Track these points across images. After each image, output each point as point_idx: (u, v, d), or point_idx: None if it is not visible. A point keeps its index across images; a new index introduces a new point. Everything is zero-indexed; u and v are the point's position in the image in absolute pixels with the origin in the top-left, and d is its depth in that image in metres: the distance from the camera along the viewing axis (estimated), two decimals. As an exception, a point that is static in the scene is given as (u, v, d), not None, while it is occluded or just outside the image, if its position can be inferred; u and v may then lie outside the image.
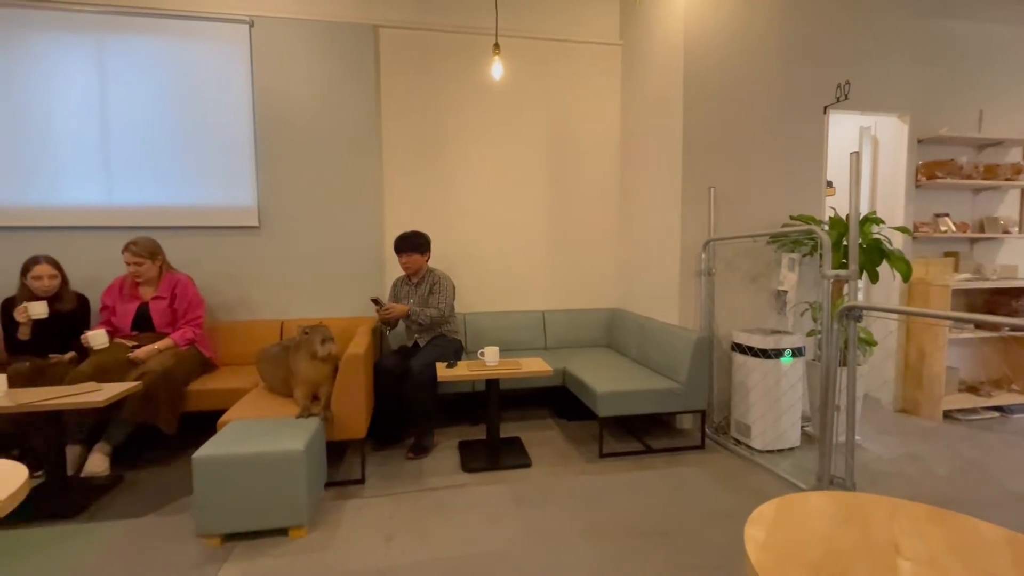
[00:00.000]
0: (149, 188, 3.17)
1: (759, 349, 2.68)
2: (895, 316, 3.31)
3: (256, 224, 3.30)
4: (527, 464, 2.59)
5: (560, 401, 3.56)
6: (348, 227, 3.42)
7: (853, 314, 2.15)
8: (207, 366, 2.98)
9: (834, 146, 3.61)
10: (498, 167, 3.63)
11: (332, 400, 2.37)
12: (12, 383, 2.39)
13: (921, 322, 3.24)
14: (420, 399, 2.71)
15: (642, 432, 3.04)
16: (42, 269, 2.68)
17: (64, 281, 2.78)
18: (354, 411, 2.39)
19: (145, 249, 2.81)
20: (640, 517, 2.09)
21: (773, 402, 2.67)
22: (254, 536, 1.98)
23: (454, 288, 3.08)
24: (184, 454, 2.78)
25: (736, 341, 2.82)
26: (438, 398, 2.86)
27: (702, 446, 2.81)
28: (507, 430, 3.09)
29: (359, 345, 2.52)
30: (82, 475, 2.42)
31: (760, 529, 1.01)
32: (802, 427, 2.92)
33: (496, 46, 2.80)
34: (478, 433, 3.05)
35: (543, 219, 3.71)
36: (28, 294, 2.68)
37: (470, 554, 1.85)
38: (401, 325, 3.13)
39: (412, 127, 3.50)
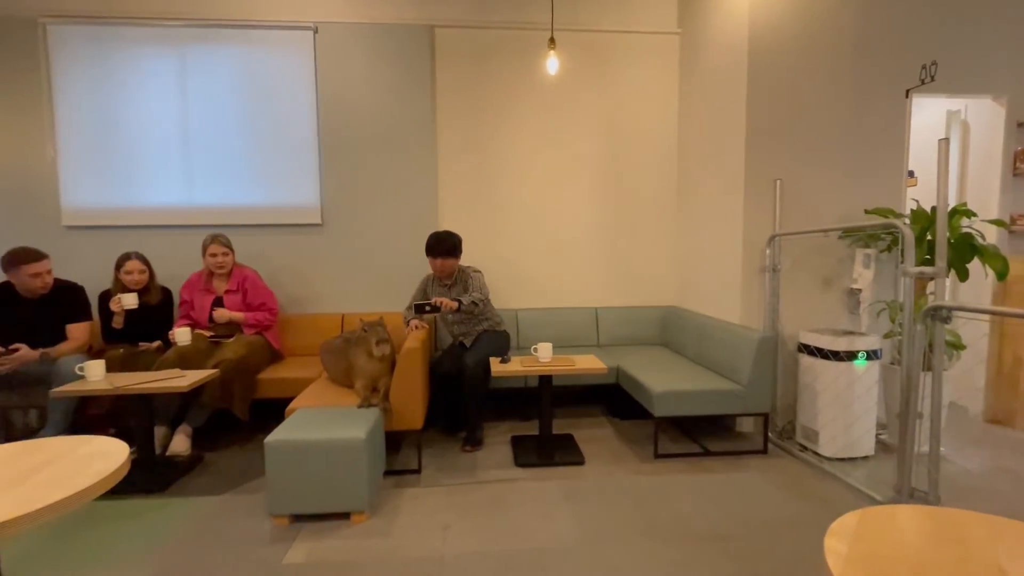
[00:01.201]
0: (224, 189, 3.39)
1: (829, 351, 2.52)
2: (987, 318, 3.03)
3: (319, 222, 3.46)
4: (580, 461, 2.57)
5: (613, 399, 3.51)
6: (404, 224, 3.51)
7: (940, 315, 1.98)
8: (275, 356, 3.16)
9: (916, 133, 3.33)
10: (551, 162, 3.61)
11: (390, 392, 2.44)
12: (108, 368, 2.62)
13: (1018, 324, 2.94)
14: (474, 393, 2.75)
15: (699, 434, 2.94)
16: (133, 264, 2.92)
17: (151, 275, 3.02)
18: (411, 403, 2.45)
19: (228, 243, 3.02)
20: (701, 521, 2.02)
21: (844, 407, 2.51)
22: (319, 519, 2.07)
23: (482, 275, 3.05)
24: (255, 438, 2.95)
25: (803, 342, 2.67)
26: (489, 392, 2.89)
27: (764, 451, 2.69)
28: (559, 427, 3.08)
29: (416, 339, 2.58)
30: (167, 454, 2.63)
31: (842, 542, 0.95)
32: (877, 435, 2.74)
33: (551, 40, 2.78)
34: (529, 428, 3.05)
35: (597, 214, 3.66)
36: (121, 287, 2.93)
37: (525, 548, 1.86)
38: (442, 328, 3.17)
39: (466, 124, 3.54)
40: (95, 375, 2.34)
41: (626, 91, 3.60)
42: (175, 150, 3.35)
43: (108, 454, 1.13)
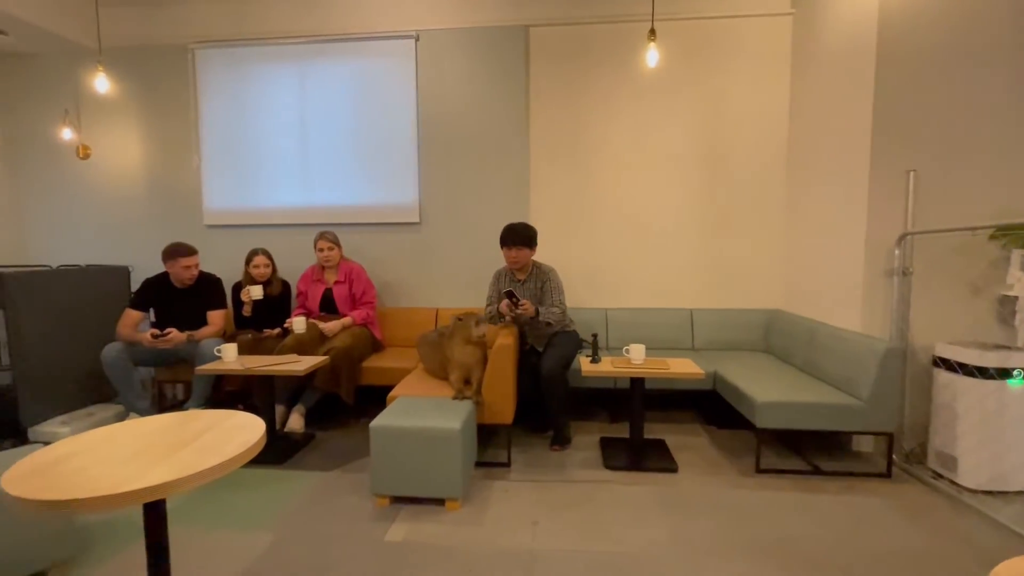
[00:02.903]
0: (335, 190, 3.68)
1: (975, 367, 2.19)
2: None
3: (417, 220, 3.64)
4: (673, 469, 2.47)
5: (708, 406, 3.33)
6: (496, 221, 3.58)
7: None
8: (377, 346, 3.38)
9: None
10: (646, 157, 3.49)
11: (483, 386, 2.52)
12: (238, 351, 2.97)
13: None
14: (555, 397, 2.72)
15: (807, 450, 2.70)
16: (259, 259, 3.28)
17: (274, 269, 3.37)
18: (502, 397, 2.51)
19: (334, 239, 3.28)
20: (813, 545, 1.86)
21: (993, 433, 2.18)
22: (416, 502, 2.19)
23: (558, 275, 2.96)
24: (359, 422, 3.18)
25: (941, 355, 2.35)
26: (572, 392, 2.86)
27: (888, 475, 2.40)
28: (650, 431, 2.98)
29: (508, 335, 2.63)
30: (285, 430, 2.92)
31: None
32: (1035, 468, 2.34)
33: (652, 32, 2.69)
34: (617, 431, 2.99)
35: (694, 211, 3.49)
36: (249, 280, 3.29)
37: (615, 552, 1.83)
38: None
39: (558, 122, 3.53)
40: (230, 357, 2.65)
41: (731, 80, 3.39)
42: (294, 156, 3.70)
43: (249, 427, 1.29)
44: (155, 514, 1.17)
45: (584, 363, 2.57)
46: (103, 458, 1.13)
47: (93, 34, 3.72)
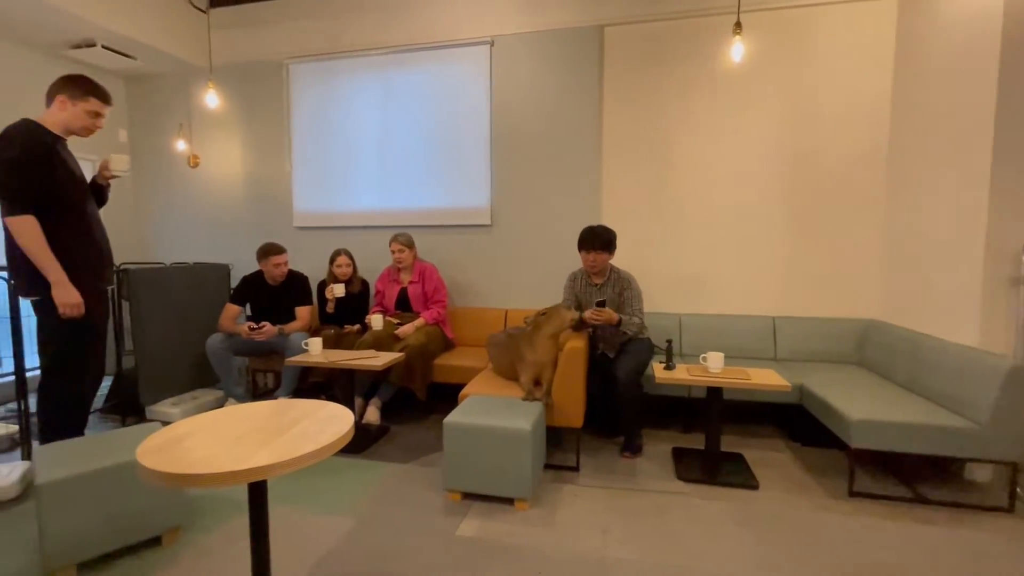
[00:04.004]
0: (411, 194, 3.84)
1: None
2: None
3: (489, 223, 3.71)
4: (753, 485, 2.34)
5: (791, 421, 3.12)
6: (567, 224, 3.57)
7: None
8: (449, 345, 3.48)
9: None
10: (726, 156, 3.33)
11: (553, 388, 2.51)
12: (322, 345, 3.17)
13: None
14: (630, 405, 2.66)
15: (909, 475, 2.45)
16: (342, 259, 3.48)
17: (355, 268, 3.56)
18: (572, 400, 2.49)
19: (407, 241, 3.41)
20: (914, 581, 1.69)
21: None
22: (486, 499, 2.23)
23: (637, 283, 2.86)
24: (430, 417, 3.29)
25: (1080, 377, 2.05)
26: (645, 398, 2.78)
27: (1010, 509, 2.13)
28: (727, 444, 2.84)
29: (578, 339, 2.61)
30: (362, 422, 3.08)
31: None
32: None
33: (737, 25, 2.56)
34: (690, 441, 2.87)
35: (778, 212, 3.28)
36: (333, 278, 3.50)
37: (689, 567, 1.76)
38: None
39: (633, 122, 3.46)
40: (316, 350, 2.84)
41: (824, 72, 3.15)
42: (374, 161, 3.90)
43: (340, 418, 1.37)
44: (258, 492, 1.27)
45: (658, 370, 2.49)
46: (214, 439, 1.25)
47: (205, 55, 4.13)
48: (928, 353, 2.47)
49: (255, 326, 3.15)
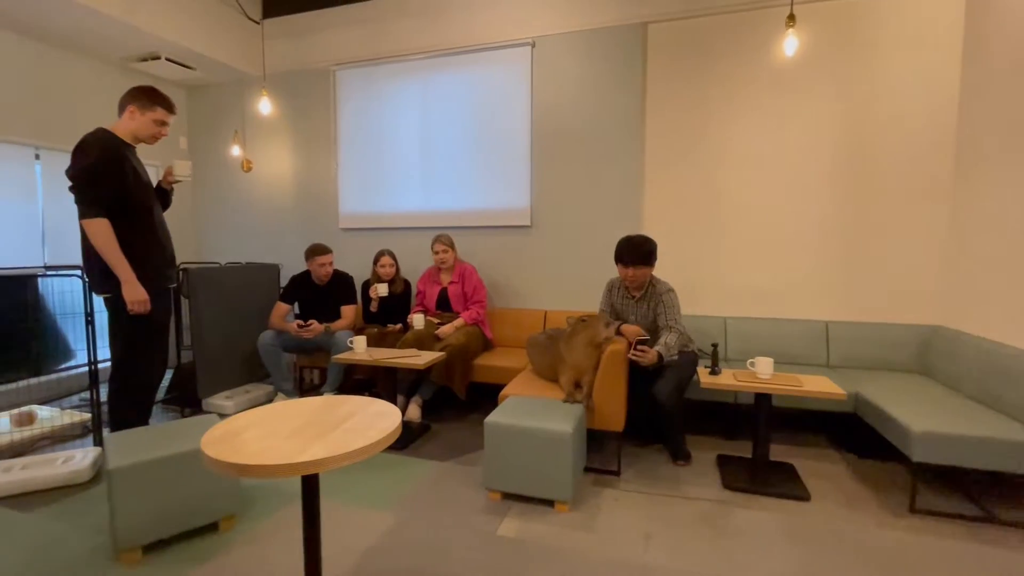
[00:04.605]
0: (452, 195, 3.89)
1: None
2: None
3: (528, 224, 3.71)
4: (804, 497, 2.24)
5: (844, 431, 2.97)
6: (607, 226, 3.53)
7: None
8: (488, 345, 3.50)
9: None
10: (774, 155, 3.21)
11: (594, 391, 2.49)
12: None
13: None
14: (671, 419, 2.59)
15: (979, 492, 2.29)
16: (385, 260, 3.56)
17: (397, 269, 3.64)
18: (614, 404, 2.46)
19: (449, 242, 3.46)
20: (986, 606, 1.58)
21: None
22: (525, 500, 2.23)
23: (676, 296, 2.71)
24: (470, 416, 3.32)
25: None
26: (686, 403, 2.70)
27: (1096, 535, 1.96)
28: (775, 453, 2.73)
29: (620, 342, 2.58)
30: (404, 419, 3.14)
31: None
32: None
33: (790, 18, 2.46)
34: (736, 449, 2.78)
35: (832, 212, 3.13)
36: (376, 278, 3.59)
37: (739, 581, 1.70)
38: None
39: (676, 121, 3.38)
40: (360, 348, 2.92)
41: (883, 64, 2.99)
42: (416, 164, 3.97)
43: (387, 415, 1.40)
44: (311, 485, 1.32)
45: (703, 375, 2.43)
46: (269, 433, 1.31)
47: (259, 64, 4.32)
48: (1002, 362, 2.30)
49: (303, 324, 3.27)
